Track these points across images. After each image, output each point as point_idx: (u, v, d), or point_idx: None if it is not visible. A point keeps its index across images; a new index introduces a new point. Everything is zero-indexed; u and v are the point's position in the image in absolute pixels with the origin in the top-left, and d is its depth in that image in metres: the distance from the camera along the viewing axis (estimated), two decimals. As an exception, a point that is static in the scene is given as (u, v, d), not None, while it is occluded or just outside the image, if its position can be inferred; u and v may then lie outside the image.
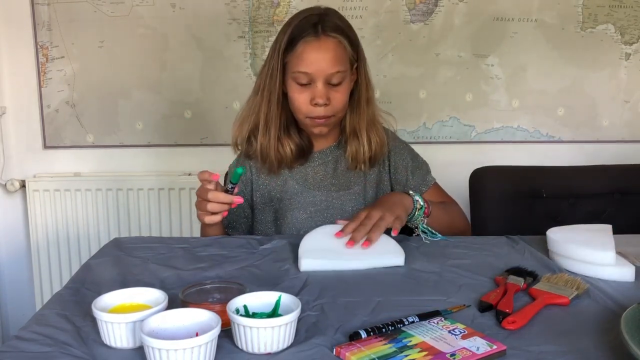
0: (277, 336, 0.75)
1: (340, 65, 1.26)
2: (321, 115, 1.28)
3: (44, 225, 2.12)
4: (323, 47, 1.24)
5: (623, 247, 1.12)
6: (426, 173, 1.46)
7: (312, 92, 1.26)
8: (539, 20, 2.14)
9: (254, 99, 1.33)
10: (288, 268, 1.08)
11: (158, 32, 2.07)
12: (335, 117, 1.31)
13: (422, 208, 1.28)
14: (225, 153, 2.13)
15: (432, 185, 1.45)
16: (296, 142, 1.34)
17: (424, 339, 0.77)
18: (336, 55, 1.25)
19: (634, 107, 2.25)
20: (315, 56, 1.24)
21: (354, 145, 1.35)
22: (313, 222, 1.34)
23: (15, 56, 2.08)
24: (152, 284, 0.98)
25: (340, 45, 1.26)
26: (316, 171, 1.38)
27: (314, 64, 1.24)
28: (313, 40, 1.24)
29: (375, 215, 1.18)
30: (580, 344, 0.78)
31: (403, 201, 1.26)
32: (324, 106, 1.26)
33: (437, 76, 2.17)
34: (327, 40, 1.25)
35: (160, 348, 0.68)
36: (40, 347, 0.77)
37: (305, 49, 1.24)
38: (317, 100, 1.25)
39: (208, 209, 1.16)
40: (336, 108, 1.29)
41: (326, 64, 1.24)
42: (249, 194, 1.41)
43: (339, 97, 1.28)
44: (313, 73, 1.24)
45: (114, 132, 2.15)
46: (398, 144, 1.45)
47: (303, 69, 1.24)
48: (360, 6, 2.08)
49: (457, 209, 1.47)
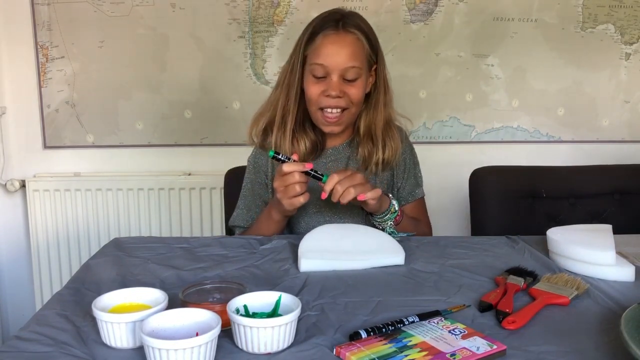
0: (277, 336, 0.75)
1: (357, 61, 1.27)
2: (333, 105, 1.28)
3: (44, 225, 2.12)
4: (341, 41, 1.26)
5: (623, 247, 1.12)
6: (417, 186, 1.46)
7: (326, 85, 1.28)
8: (539, 20, 2.14)
9: (274, 93, 1.36)
10: (288, 268, 1.08)
11: (158, 32, 2.07)
12: (348, 112, 1.31)
13: (395, 213, 1.29)
14: (225, 153, 2.15)
15: (418, 199, 1.46)
16: (311, 138, 1.36)
17: (424, 339, 0.77)
18: (353, 51, 1.27)
19: (634, 107, 2.25)
20: (333, 49, 1.26)
21: (367, 148, 1.36)
22: (322, 217, 1.36)
23: (15, 56, 2.08)
24: (152, 284, 0.98)
25: (358, 42, 1.28)
26: (328, 167, 1.39)
27: (330, 57, 1.26)
28: (332, 34, 1.27)
29: (359, 177, 1.19)
30: (580, 344, 0.78)
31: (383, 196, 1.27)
32: (336, 98, 1.27)
33: (437, 76, 2.17)
34: (345, 35, 1.27)
35: (160, 348, 0.68)
36: (40, 347, 0.77)
37: (323, 42, 1.27)
38: (330, 92, 1.27)
39: (298, 190, 1.18)
40: (350, 101, 1.29)
41: (342, 58, 1.26)
42: (265, 188, 1.41)
43: (354, 92, 1.29)
44: (329, 66, 1.26)
45: (114, 132, 2.15)
46: (407, 147, 1.46)
47: (320, 60, 1.26)
48: (360, 6, 2.08)
49: (427, 232, 1.47)
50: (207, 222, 2.16)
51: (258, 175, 1.41)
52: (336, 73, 1.26)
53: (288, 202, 1.20)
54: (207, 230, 2.16)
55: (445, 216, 2.11)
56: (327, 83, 1.27)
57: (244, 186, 1.43)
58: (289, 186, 1.18)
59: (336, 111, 1.30)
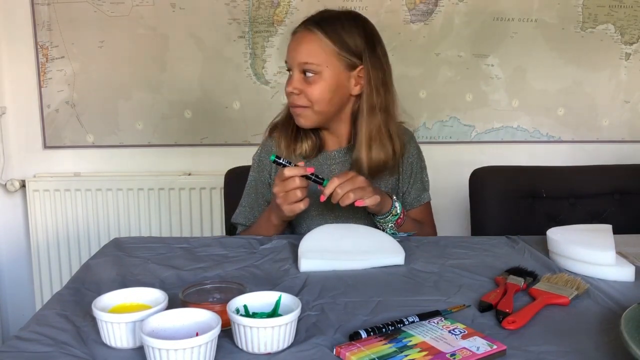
0: (277, 336, 0.75)
1: (313, 58, 1.27)
2: (294, 103, 1.31)
3: (44, 225, 2.12)
4: (299, 38, 1.30)
5: (623, 247, 1.12)
6: (424, 191, 1.45)
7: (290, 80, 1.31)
8: (539, 21, 2.14)
9: None
10: (288, 268, 1.08)
11: (158, 32, 2.07)
12: (309, 110, 1.30)
13: (397, 216, 1.29)
14: (225, 153, 2.15)
15: (424, 203, 1.45)
16: (312, 140, 1.37)
17: (424, 339, 0.77)
18: (310, 48, 1.28)
19: (634, 107, 2.25)
20: (292, 45, 1.31)
21: (361, 152, 1.31)
22: (323, 219, 1.35)
23: (15, 56, 2.08)
24: (152, 284, 0.98)
25: (316, 40, 1.27)
26: (331, 170, 1.39)
27: (289, 53, 1.31)
28: (297, 32, 1.31)
29: (360, 181, 1.20)
30: (580, 344, 0.78)
31: (384, 198, 1.27)
32: (293, 95, 1.29)
33: (437, 76, 2.17)
34: (302, 32, 1.30)
35: (160, 348, 0.68)
36: (40, 347, 0.77)
37: (290, 39, 1.32)
38: (287, 87, 1.30)
39: (299, 196, 1.19)
40: (309, 99, 1.29)
41: (297, 53, 1.28)
42: (268, 187, 1.41)
43: (311, 90, 1.28)
44: (289, 62, 1.31)
45: (114, 132, 2.15)
46: (414, 150, 1.44)
47: (285, 57, 1.32)
48: (360, 6, 2.08)
49: (431, 235, 1.46)
50: (207, 222, 2.16)
51: (262, 174, 1.41)
52: (295, 69, 1.29)
53: (288, 208, 1.20)
54: (207, 230, 2.16)
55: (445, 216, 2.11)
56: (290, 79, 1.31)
57: (248, 183, 1.43)
58: (290, 192, 1.18)
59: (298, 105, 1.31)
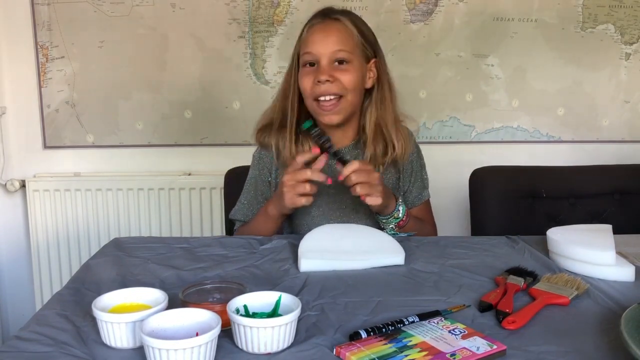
0: (277, 336, 0.75)
1: (344, 46, 1.26)
2: (325, 91, 1.26)
3: (44, 225, 2.12)
4: (327, 28, 1.28)
5: (623, 247, 1.12)
6: (424, 189, 1.46)
7: (317, 72, 1.27)
8: (539, 21, 2.14)
9: (275, 97, 1.37)
10: (288, 268, 1.08)
11: (158, 32, 2.07)
12: (344, 100, 1.28)
13: (398, 219, 1.30)
14: (225, 153, 2.15)
15: (425, 201, 1.46)
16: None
17: (424, 339, 0.77)
18: (340, 36, 1.27)
19: (634, 107, 2.25)
20: (319, 36, 1.27)
21: (377, 146, 1.33)
22: (325, 219, 1.34)
23: (15, 56, 2.08)
24: (152, 284, 0.98)
25: (345, 28, 1.28)
26: (333, 169, 1.38)
27: (316, 43, 1.27)
28: (318, 23, 1.29)
29: (374, 177, 1.20)
30: (580, 344, 0.78)
31: (390, 200, 1.28)
32: (327, 83, 1.25)
33: (437, 76, 2.17)
34: (331, 22, 1.28)
35: (160, 348, 0.68)
36: (40, 347, 0.77)
37: (310, 32, 1.29)
38: (320, 77, 1.25)
39: (307, 189, 1.19)
40: (343, 87, 1.26)
41: (329, 43, 1.26)
42: (268, 185, 1.41)
43: (346, 78, 1.26)
44: (317, 53, 1.26)
45: (114, 132, 2.15)
46: (413, 148, 1.44)
47: (308, 49, 1.27)
48: (360, 6, 2.08)
49: (432, 233, 1.47)
50: (207, 222, 2.16)
51: (262, 172, 1.41)
52: (325, 58, 1.26)
53: (291, 196, 1.20)
54: (207, 230, 2.16)
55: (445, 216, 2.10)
56: (318, 69, 1.26)
57: (248, 180, 1.43)
58: (299, 183, 1.19)
59: (330, 98, 1.27)
